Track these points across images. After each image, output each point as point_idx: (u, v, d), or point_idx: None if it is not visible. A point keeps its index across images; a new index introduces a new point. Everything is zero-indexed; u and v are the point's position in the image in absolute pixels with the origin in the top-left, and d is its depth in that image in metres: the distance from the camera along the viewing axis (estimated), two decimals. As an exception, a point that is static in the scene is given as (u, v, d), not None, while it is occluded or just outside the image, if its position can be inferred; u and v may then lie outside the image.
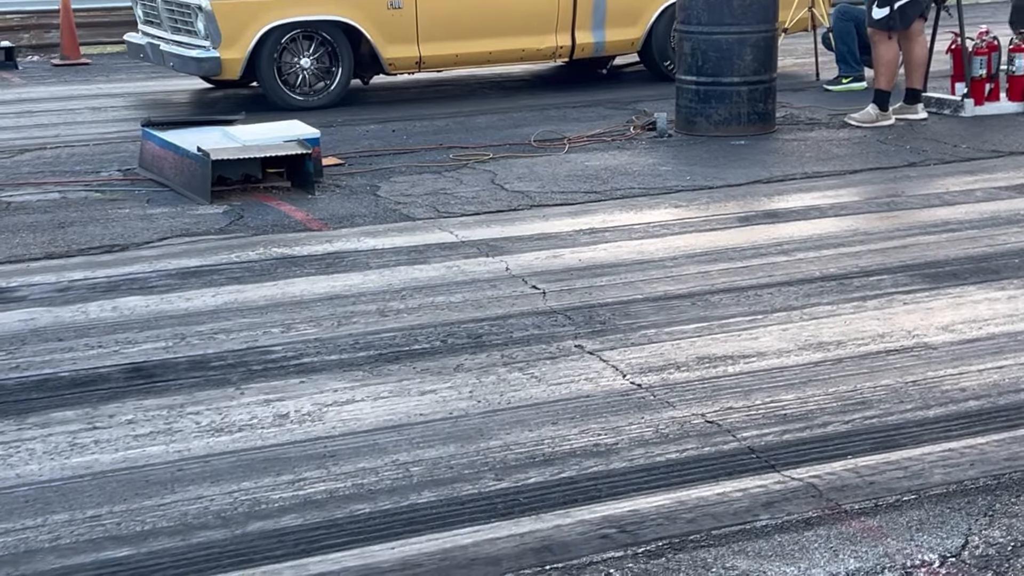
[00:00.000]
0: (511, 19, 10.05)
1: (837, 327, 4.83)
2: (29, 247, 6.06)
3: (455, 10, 9.88)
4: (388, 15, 9.69)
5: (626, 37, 10.47)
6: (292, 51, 9.56)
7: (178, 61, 9.66)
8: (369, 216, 6.59)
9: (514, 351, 4.66)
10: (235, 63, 9.43)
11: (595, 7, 10.26)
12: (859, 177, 7.27)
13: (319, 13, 9.53)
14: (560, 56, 10.43)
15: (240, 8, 9.36)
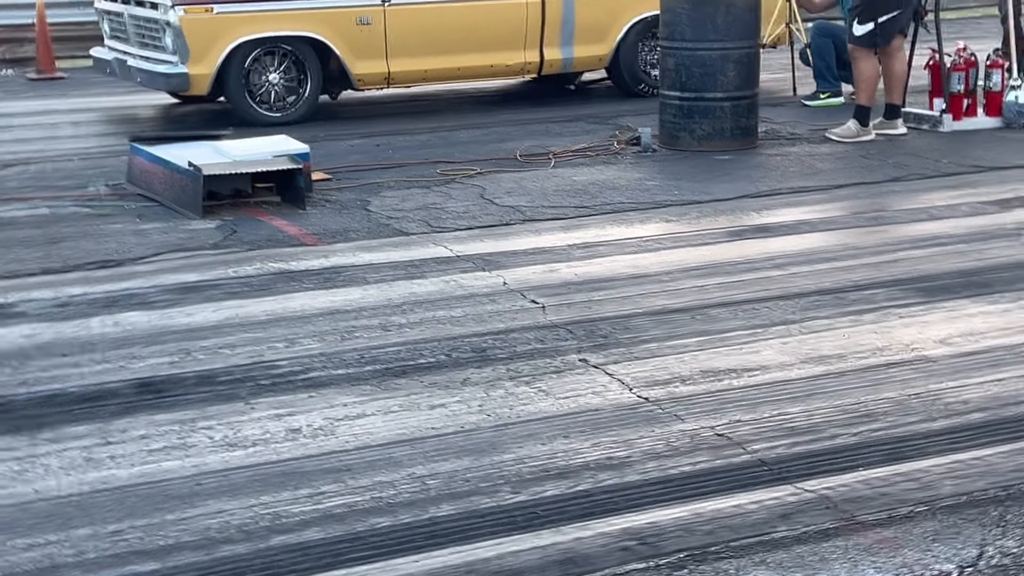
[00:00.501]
0: (480, 35, 10.08)
1: (836, 340, 4.90)
2: (24, 262, 6.05)
3: (424, 26, 9.90)
4: (357, 31, 9.69)
5: (594, 53, 10.52)
6: (260, 66, 9.53)
7: (145, 77, 9.63)
8: (362, 231, 6.62)
9: (519, 365, 4.70)
10: (203, 79, 9.38)
11: (563, 23, 10.31)
12: (845, 192, 7.36)
13: (288, 29, 9.52)
14: (528, 72, 10.47)
15: (208, 23, 9.33)
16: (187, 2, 9.25)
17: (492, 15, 10.08)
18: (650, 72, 10.62)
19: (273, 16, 9.46)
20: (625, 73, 10.63)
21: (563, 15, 10.27)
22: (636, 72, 10.60)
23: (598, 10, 10.39)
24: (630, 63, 10.58)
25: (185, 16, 9.23)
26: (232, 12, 9.34)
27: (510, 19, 10.15)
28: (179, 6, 9.21)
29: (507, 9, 10.12)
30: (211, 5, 9.31)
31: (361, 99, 10.84)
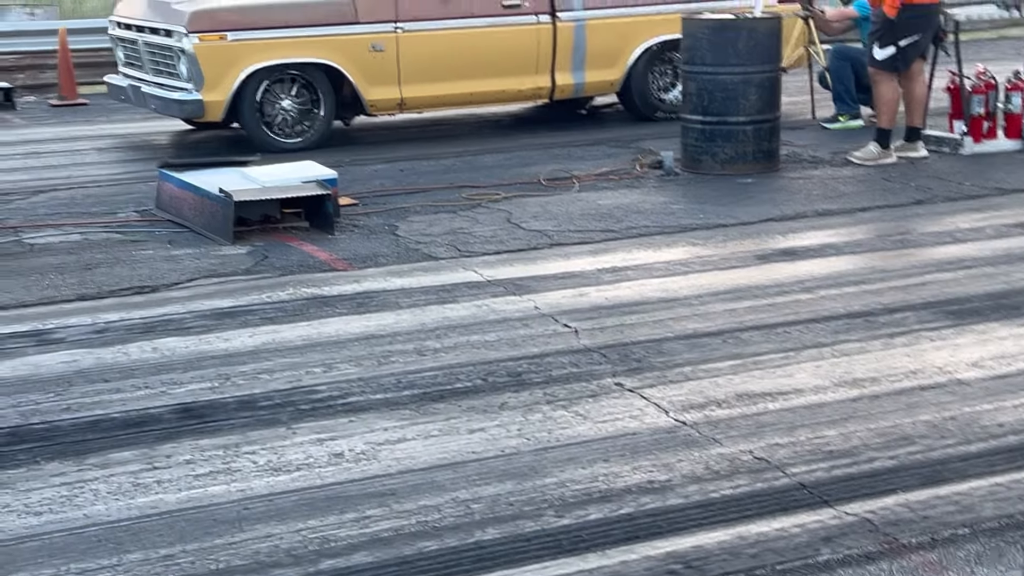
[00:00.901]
0: (492, 61, 10.13)
1: (869, 364, 4.94)
2: (60, 289, 6.12)
3: (437, 52, 9.95)
4: (370, 57, 9.75)
5: (605, 78, 10.57)
6: (274, 93, 9.58)
7: (160, 103, 9.70)
8: (392, 256, 6.67)
9: (555, 389, 4.75)
10: (217, 105, 9.44)
11: (575, 49, 10.37)
12: (869, 215, 7.40)
13: (301, 56, 9.58)
14: (540, 97, 10.53)
15: (222, 51, 9.39)
16: (201, 30, 9.33)
17: (504, 40, 10.13)
18: (661, 97, 10.72)
19: (287, 43, 9.53)
20: (636, 98, 10.68)
21: (574, 40, 10.33)
22: (647, 97, 10.66)
23: (609, 35, 10.45)
24: (641, 88, 10.64)
25: (199, 44, 9.30)
26: (246, 40, 9.40)
27: (522, 44, 10.21)
28: (193, 34, 9.30)
29: (519, 34, 10.18)
30: (225, 32, 9.39)
31: (381, 124, 10.92)
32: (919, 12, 8.48)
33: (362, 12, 9.72)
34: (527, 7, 10.18)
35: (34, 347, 5.27)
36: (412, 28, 9.84)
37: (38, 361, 5.09)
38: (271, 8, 9.74)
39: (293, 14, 9.64)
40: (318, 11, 9.70)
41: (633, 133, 10.25)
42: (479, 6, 10.06)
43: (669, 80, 10.75)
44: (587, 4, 10.39)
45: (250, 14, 9.60)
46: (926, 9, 8.52)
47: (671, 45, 10.56)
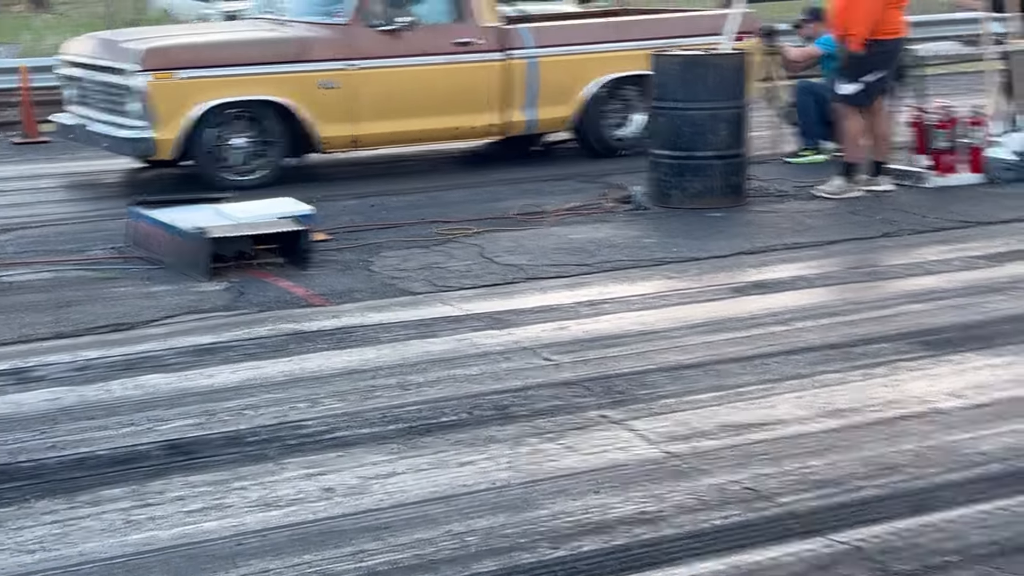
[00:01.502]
0: (445, 98, 10.12)
1: (849, 394, 5.01)
2: (36, 327, 6.09)
3: (389, 89, 9.95)
4: (322, 95, 9.70)
5: (558, 115, 10.58)
6: (226, 131, 9.50)
7: (111, 142, 9.59)
8: (368, 291, 6.69)
9: (541, 422, 4.78)
10: (169, 143, 9.31)
11: (527, 85, 10.39)
12: (838, 248, 7.50)
13: (253, 93, 9.50)
14: (493, 134, 10.53)
15: (174, 89, 9.28)
16: (153, 68, 9.24)
17: (457, 78, 10.14)
18: (614, 133, 10.79)
19: (239, 81, 9.47)
20: (589, 134, 10.72)
21: (527, 77, 10.35)
22: (600, 133, 10.71)
23: (562, 72, 10.48)
24: (594, 124, 10.67)
25: (151, 81, 9.20)
26: (198, 77, 9.32)
27: (475, 82, 10.21)
28: (145, 72, 9.20)
29: (472, 72, 10.19)
30: (176, 70, 9.32)
31: (348, 160, 10.93)
32: (884, 48, 8.61)
33: (315, 50, 9.71)
34: (480, 44, 10.20)
35: (14, 385, 5.24)
36: (365, 65, 9.81)
37: (20, 399, 5.06)
38: (222, 46, 9.75)
39: (245, 51, 9.63)
40: (270, 49, 9.70)
41: (599, 168, 10.31)
42: (432, 44, 10.06)
43: (622, 116, 10.83)
44: (539, 41, 10.43)
45: (201, 52, 9.59)
46: (891, 45, 8.66)
47: (623, 82, 10.69)
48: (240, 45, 9.79)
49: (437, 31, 10.13)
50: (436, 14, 10.26)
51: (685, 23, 11.19)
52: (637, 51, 10.61)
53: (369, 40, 9.85)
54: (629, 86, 10.74)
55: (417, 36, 9.98)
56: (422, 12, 10.21)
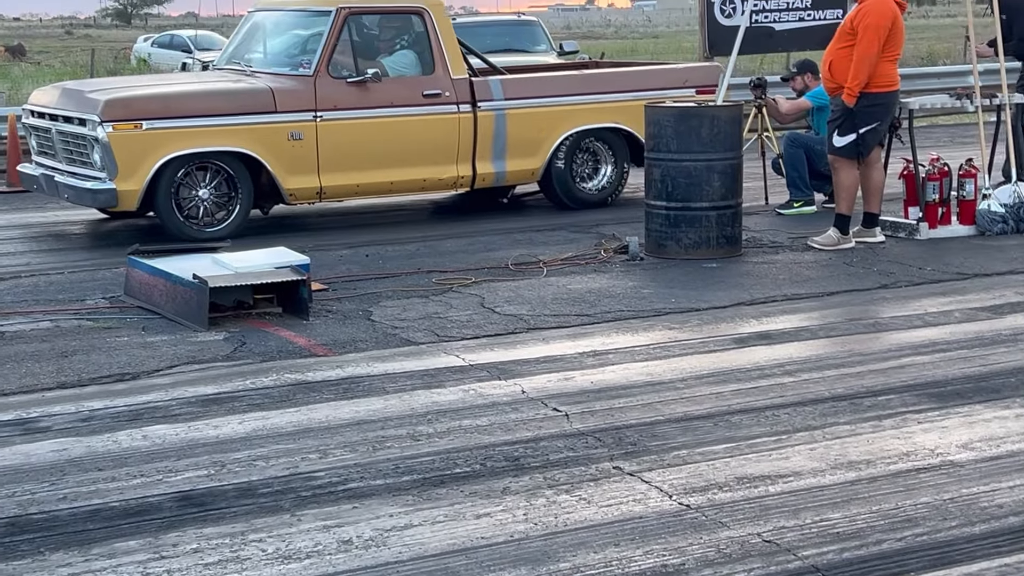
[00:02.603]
0: (412, 150, 10.08)
1: (862, 446, 5.00)
2: (38, 376, 6.04)
3: (356, 141, 9.89)
4: (288, 146, 9.61)
5: (526, 167, 10.57)
6: (191, 182, 9.40)
7: (73, 193, 9.44)
8: (371, 341, 6.66)
9: (555, 473, 4.75)
10: (132, 195, 9.21)
11: (495, 137, 10.38)
12: (837, 299, 7.52)
13: (218, 144, 9.41)
14: (461, 186, 10.47)
15: (137, 140, 9.17)
16: (116, 119, 9.16)
17: (424, 130, 10.11)
18: (583, 185, 10.83)
19: (203, 132, 9.38)
20: (557, 187, 10.73)
21: (495, 129, 10.35)
22: (569, 186, 10.73)
23: (530, 125, 10.49)
24: (562, 177, 10.69)
25: (114, 132, 9.10)
26: (162, 128, 9.23)
27: (442, 133, 10.19)
28: (107, 122, 9.11)
29: (439, 124, 10.17)
30: (140, 121, 9.22)
31: (340, 209, 10.97)
32: (877, 100, 8.68)
33: (280, 101, 9.64)
34: (447, 96, 10.18)
35: (20, 436, 5.19)
36: (331, 117, 9.77)
37: (27, 450, 5.01)
38: (187, 97, 9.68)
39: (209, 103, 9.55)
40: (235, 100, 9.63)
41: (593, 219, 10.35)
42: (399, 95, 10.04)
43: (590, 169, 10.89)
44: (508, 94, 10.45)
45: (165, 102, 9.50)
46: (884, 97, 8.73)
47: (591, 134, 10.77)
48: (204, 96, 9.69)
49: (405, 83, 10.14)
50: (405, 66, 10.28)
51: (654, 76, 11.29)
52: (606, 104, 10.80)
53: (336, 91, 9.80)
54: (597, 139, 10.81)
55: (385, 88, 9.97)
56: (390, 64, 10.26)
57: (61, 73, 31.15)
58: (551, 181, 10.73)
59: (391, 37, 10.57)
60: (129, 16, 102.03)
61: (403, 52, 10.39)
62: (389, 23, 10.60)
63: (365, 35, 10.35)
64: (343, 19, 9.93)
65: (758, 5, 15.87)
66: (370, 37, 10.45)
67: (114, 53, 41.32)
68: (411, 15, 10.32)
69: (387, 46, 10.50)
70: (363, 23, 10.30)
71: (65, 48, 53.85)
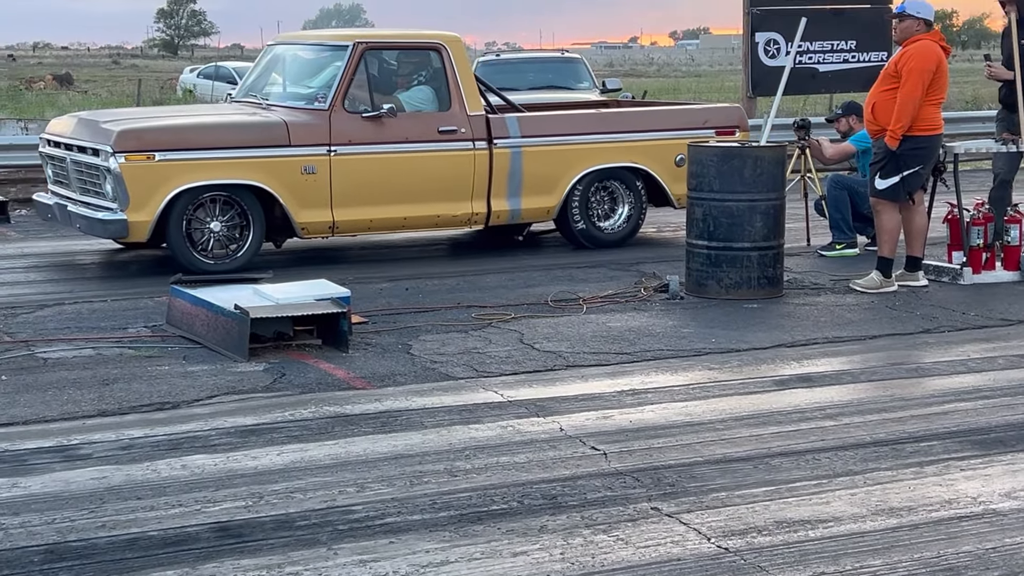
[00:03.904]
0: (426, 185, 10.04)
1: (903, 492, 4.95)
2: (79, 404, 6.07)
3: (370, 176, 9.84)
4: (302, 180, 9.58)
5: (542, 205, 10.53)
6: (202, 214, 9.39)
7: (85, 223, 9.44)
8: (409, 375, 6.67)
9: (593, 513, 4.73)
10: (142, 226, 9.20)
11: (511, 175, 10.33)
12: (880, 343, 7.47)
13: (230, 177, 9.39)
14: (476, 223, 10.42)
15: (149, 171, 9.16)
16: (128, 149, 9.13)
17: (439, 165, 10.07)
18: (599, 224, 10.78)
19: (216, 164, 9.36)
20: (573, 225, 10.67)
21: (511, 167, 10.31)
22: (585, 224, 10.68)
23: (546, 163, 10.46)
24: (579, 215, 10.64)
25: (125, 163, 9.08)
26: (174, 160, 9.22)
27: (457, 170, 10.15)
28: (120, 153, 9.10)
29: (454, 160, 10.12)
30: (153, 152, 9.20)
31: (381, 242, 11.01)
32: (920, 143, 8.65)
33: (294, 135, 9.62)
34: (463, 133, 10.15)
35: (61, 463, 5.21)
36: (345, 151, 9.74)
37: (67, 477, 5.03)
38: (199, 129, 9.67)
39: (222, 135, 9.54)
40: (248, 133, 9.62)
41: (633, 256, 10.35)
42: (415, 131, 10.00)
43: (607, 208, 10.84)
44: (524, 131, 10.42)
45: (178, 134, 9.49)
46: (927, 140, 8.69)
47: (609, 174, 10.72)
48: (217, 128, 9.68)
49: (421, 118, 10.11)
50: (421, 101, 10.26)
51: (673, 116, 11.28)
52: (624, 143, 10.76)
53: (351, 126, 9.78)
54: (614, 178, 10.78)
55: (400, 123, 9.94)
56: (407, 99, 10.24)
57: (107, 102, 31.50)
58: (567, 220, 10.68)
59: (408, 72, 10.57)
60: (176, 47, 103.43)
61: (420, 88, 10.39)
62: (406, 58, 10.61)
63: (382, 70, 10.35)
64: (360, 54, 9.94)
65: (802, 46, 15.87)
66: (387, 72, 10.46)
67: (160, 83, 41.78)
68: (428, 51, 10.33)
69: (404, 81, 10.51)
70: (380, 58, 10.31)
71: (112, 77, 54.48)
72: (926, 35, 8.69)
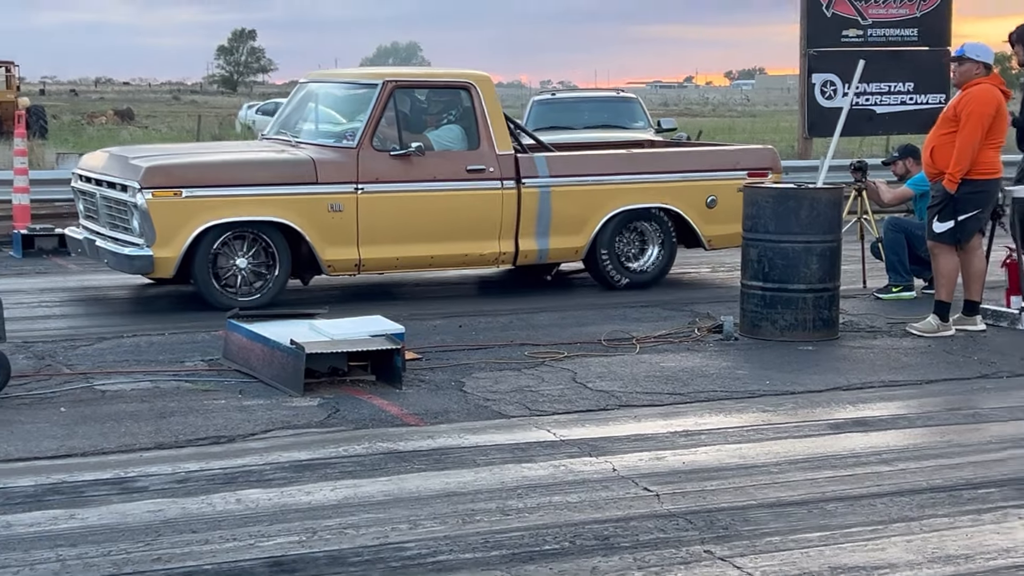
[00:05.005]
0: (453, 224, 10.01)
1: (960, 540, 4.89)
2: (137, 436, 6.13)
3: (397, 214, 9.83)
4: (328, 217, 9.59)
5: (570, 245, 10.48)
6: (228, 250, 9.42)
7: (112, 258, 9.49)
8: (462, 412, 6.69)
9: (645, 555, 4.71)
10: (168, 262, 9.24)
11: (539, 214, 10.29)
12: (937, 388, 7.41)
13: (257, 214, 9.42)
14: (503, 262, 10.38)
15: (176, 207, 9.21)
16: (156, 185, 9.20)
17: (467, 204, 10.05)
18: (628, 265, 10.70)
19: (243, 201, 9.40)
20: (601, 265, 10.60)
21: (539, 206, 10.27)
22: (614, 265, 10.61)
23: (575, 203, 10.42)
24: (607, 256, 10.58)
25: (152, 199, 9.14)
26: (201, 196, 9.27)
27: (485, 209, 10.12)
28: (147, 189, 9.16)
29: (482, 199, 10.10)
30: (180, 188, 9.26)
31: (435, 279, 11.05)
32: (979, 187, 8.59)
33: (321, 172, 9.65)
34: (492, 172, 10.13)
35: (118, 495, 5.26)
36: (372, 189, 9.74)
37: (124, 509, 5.08)
38: (227, 166, 9.69)
39: (249, 172, 9.58)
40: (275, 170, 9.64)
41: (687, 296, 10.34)
42: (443, 169, 10.00)
43: (637, 249, 10.77)
44: (553, 171, 10.38)
45: (205, 171, 9.53)
46: (986, 184, 8.63)
47: (638, 214, 10.66)
48: (244, 165, 9.72)
49: (449, 157, 10.11)
50: (450, 140, 10.27)
51: (704, 157, 11.25)
52: (654, 184, 10.70)
53: (379, 164, 9.79)
54: (644, 219, 10.72)
55: (428, 161, 9.94)
56: (436, 137, 10.24)
57: (167, 137, 31.92)
58: (596, 260, 10.62)
59: (438, 111, 10.57)
60: (235, 83, 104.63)
61: (449, 126, 10.38)
62: (436, 97, 10.60)
63: (411, 108, 10.36)
64: (389, 92, 9.96)
65: (860, 88, 15.81)
66: (417, 110, 10.47)
67: (219, 119, 42.28)
68: (459, 90, 10.32)
69: (434, 120, 10.50)
70: (410, 96, 10.32)
71: (172, 113, 55.24)
72: (985, 79, 8.65)
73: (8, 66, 37.92)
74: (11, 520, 4.94)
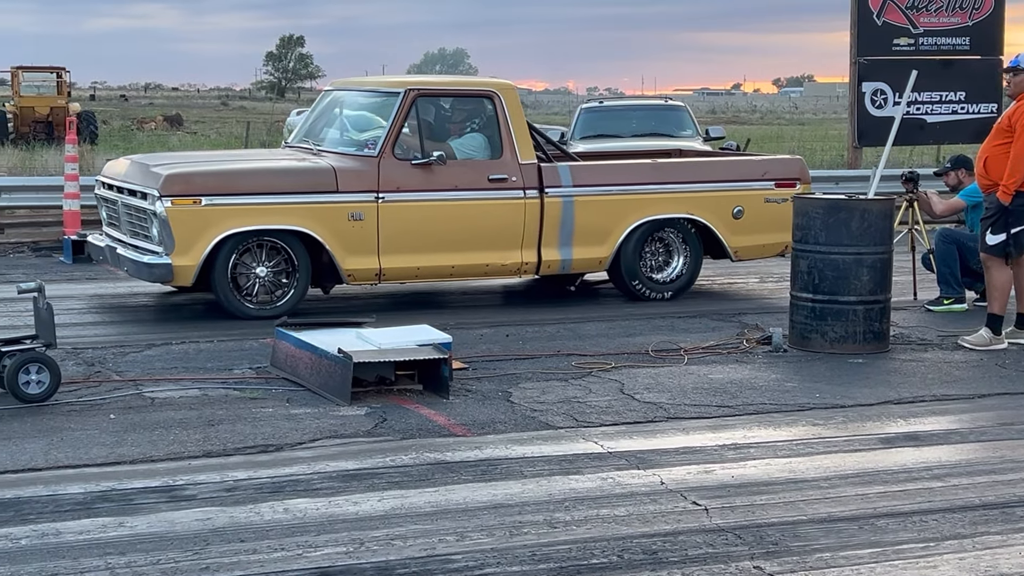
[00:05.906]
0: (475, 234, 9.94)
1: (1013, 558, 4.82)
2: (185, 444, 6.16)
3: (417, 223, 9.77)
4: (348, 226, 9.54)
5: (594, 255, 10.39)
6: (248, 259, 9.39)
7: (131, 266, 9.45)
8: (509, 423, 6.67)
9: (694, 570, 4.67)
10: (187, 270, 9.18)
11: (562, 224, 10.20)
12: (989, 402, 7.32)
13: (277, 223, 9.38)
14: (526, 272, 10.29)
15: (196, 215, 9.19)
16: (175, 193, 9.17)
17: (489, 214, 9.99)
18: (652, 276, 10.60)
19: (263, 209, 9.36)
20: (626, 276, 10.52)
21: (562, 216, 10.18)
22: (638, 275, 10.53)
23: (598, 213, 10.33)
24: (631, 266, 10.48)
25: (171, 207, 9.12)
26: (221, 204, 9.25)
27: (507, 219, 10.05)
28: (167, 197, 9.14)
29: (504, 208, 10.04)
30: (200, 197, 9.22)
31: (482, 288, 11.04)
32: (1033, 199, 8.49)
33: (342, 181, 9.61)
34: (514, 181, 10.05)
35: (166, 503, 5.28)
36: (393, 198, 9.67)
37: (173, 518, 5.09)
38: (247, 174, 9.66)
39: (269, 180, 9.54)
40: (295, 178, 9.59)
41: (735, 307, 10.28)
42: (465, 178, 9.94)
43: (661, 260, 10.66)
44: (576, 181, 10.29)
45: (225, 179, 9.48)
46: (1040, 197, 8.53)
47: (663, 224, 10.56)
48: (264, 174, 9.68)
49: (472, 166, 10.06)
50: (472, 149, 10.21)
51: (731, 167, 11.13)
52: (679, 194, 10.58)
53: (400, 173, 9.73)
54: (668, 229, 10.63)
55: (450, 170, 9.88)
56: (458, 146, 10.19)
57: (216, 143, 32.13)
58: (620, 270, 10.53)
59: (460, 120, 10.51)
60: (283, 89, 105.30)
61: (471, 135, 10.33)
62: (459, 106, 10.52)
63: (434, 117, 10.31)
64: (411, 100, 9.91)
65: (911, 96, 15.67)
66: (439, 119, 10.40)
67: (267, 125, 42.51)
68: (482, 98, 10.27)
69: (456, 128, 10.45)
70: (432, 105, 10.27)
71: (220, 119, 55.60)
72: (1041, 90, 8.55)
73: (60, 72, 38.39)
74: (60, 528, 4.97)
